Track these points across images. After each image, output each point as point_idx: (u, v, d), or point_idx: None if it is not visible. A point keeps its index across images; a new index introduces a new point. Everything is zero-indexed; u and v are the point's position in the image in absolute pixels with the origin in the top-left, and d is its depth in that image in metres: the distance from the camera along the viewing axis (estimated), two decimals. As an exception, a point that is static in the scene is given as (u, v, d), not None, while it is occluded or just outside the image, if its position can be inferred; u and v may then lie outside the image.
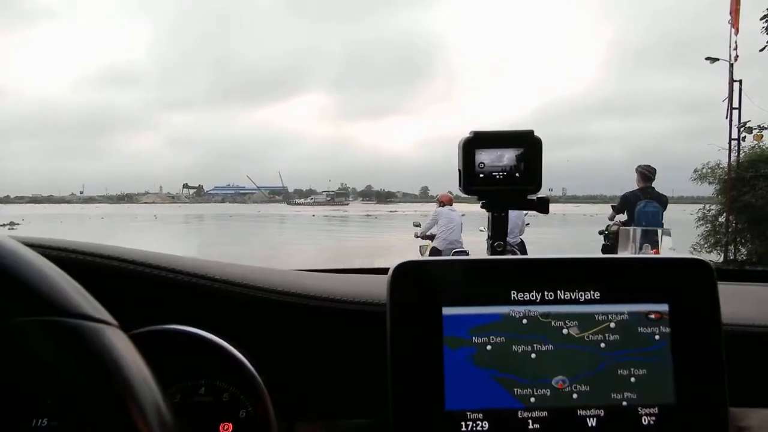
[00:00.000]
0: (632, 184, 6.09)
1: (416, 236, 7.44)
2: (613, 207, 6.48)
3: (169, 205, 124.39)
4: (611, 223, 6.53)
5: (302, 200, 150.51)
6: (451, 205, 7.27)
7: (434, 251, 6.91)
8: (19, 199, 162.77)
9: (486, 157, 0.77)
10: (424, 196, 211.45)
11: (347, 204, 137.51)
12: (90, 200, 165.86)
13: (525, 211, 7.85)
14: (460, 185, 0.79)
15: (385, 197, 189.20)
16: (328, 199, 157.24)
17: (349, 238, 25.82)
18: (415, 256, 5.38)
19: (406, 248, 7.64)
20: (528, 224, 7.85)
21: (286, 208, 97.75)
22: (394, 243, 19.61)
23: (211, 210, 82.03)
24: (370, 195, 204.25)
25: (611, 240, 6.38)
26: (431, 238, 7.22)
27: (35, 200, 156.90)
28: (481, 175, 0.77)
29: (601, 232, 6.56)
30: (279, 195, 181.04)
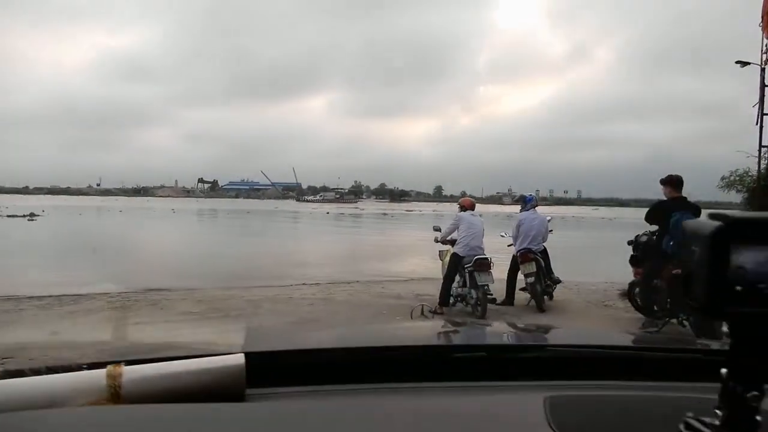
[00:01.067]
0: (647, 186, 5.88)
1: (436, 240, 7.36)
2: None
3: (184, 199, 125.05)
4: (640, 233, 6.30)
5: (312, 197, 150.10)
6: (473, 209, 7.16)
7: (455, 257, 6.82)
8: (38, 191, 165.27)
9: (751, 259, 0.46)
10: (437, 196, 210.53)
11: (356, 202, 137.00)
12: (106, 192, 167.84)
13: (549, 216, 7.68)
14: (691, 296, 0.48)
15: (398, 196, 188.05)
16: (337, 196, 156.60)
17: (376, 235, 25.75)
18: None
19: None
20: (551, 231, 7.65)
21: (296, 204, 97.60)
22: (421, 244, 19.43)
23: (226, 205, 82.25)
24: (384, 193, 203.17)
25: (640, 251, 6.16)
26: (452, 243, 7.13)
27: (53, 192, 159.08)
28: (739, 288, 0.46)
29: (630, 242, 6.34)
30: (293, 191, 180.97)
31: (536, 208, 7.65)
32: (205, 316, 6.36)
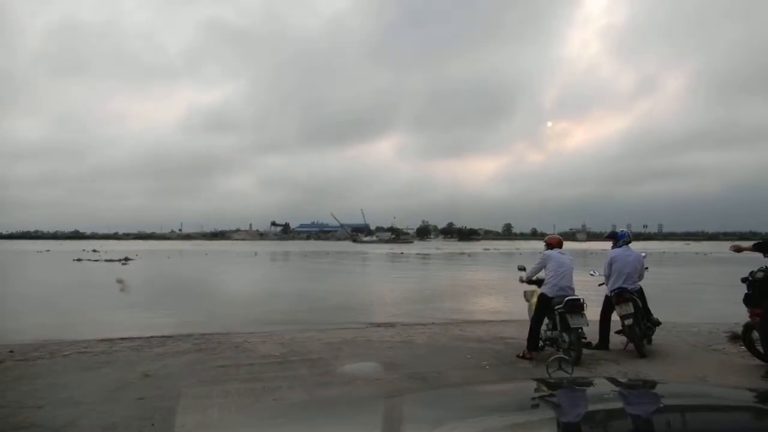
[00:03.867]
0: (733, 217, 5.22)
1: (521, 280, 6.96)
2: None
3: (258, 242, 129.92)
4: (755, 269, 5.59)
5: (367, 238, 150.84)
6: (560, 247, 6.74)
7: (542, 298, 6.40)
8: (126, 236, 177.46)
9: None
10: (507, 233, 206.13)
11: (412, 242, 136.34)
12: (187, 237, 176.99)
13: (644, 252, 7.05)
14: None
15: (467, 234, 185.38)
16: (393, 236, 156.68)
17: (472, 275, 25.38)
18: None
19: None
20: (647, 268, 7.03)
21: (356, 246, 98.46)
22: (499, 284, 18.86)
23: (299, 247, 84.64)
24: (452, 232, 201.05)
25: (757, 289, 5.45)
26: (538, 282, 6.74)
27: (140, 237, 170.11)
28: None
29: (744, 280, 5.64)
30: (362, 232, 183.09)
31: (629, 244, 7.07)
32: (287, 359, 6.23)
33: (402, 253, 57.85)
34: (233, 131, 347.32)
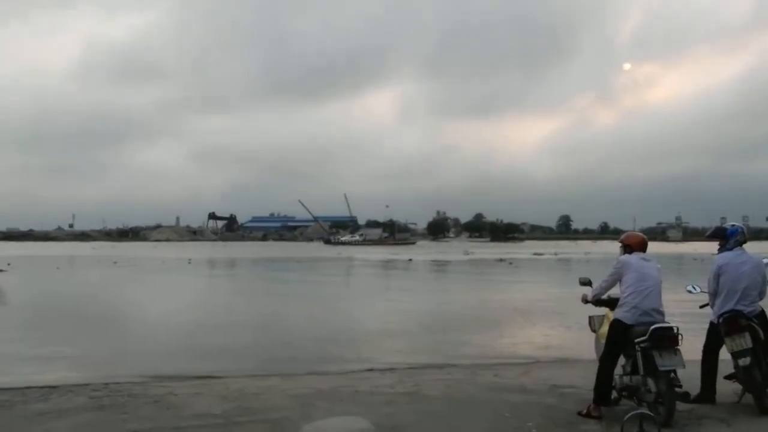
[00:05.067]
0: None
1: (585, 301, 7.00)
2: None
3: (191, 244, 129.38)
4: None
5: (348, 238, 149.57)
6: (643, 250, 6.77)
7: (618, 326, 6.40)
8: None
9: None
10: (563, 230, 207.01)
11: (413, 243, 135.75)
12: (83, 236, 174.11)
13: (766, 259, 7.04)
14: None
15: (504, 232, 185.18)
16: (387, 235, 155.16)
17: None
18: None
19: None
20: (772, 282, 7.04)
21: (338, 249, 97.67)
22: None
23: (252, 251, 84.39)
24: (480, 228, 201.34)
25: None
26: (610, 304, 6.78)
27: (9, 236, 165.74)
28: None
29: None
30: (345, 228, 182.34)
31: (744, 244, 7.06)
32: (233, 419, 6.23)
33: (410, 260, 58.00)
34: (152, 81, 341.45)
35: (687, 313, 7.11)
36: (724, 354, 6.71)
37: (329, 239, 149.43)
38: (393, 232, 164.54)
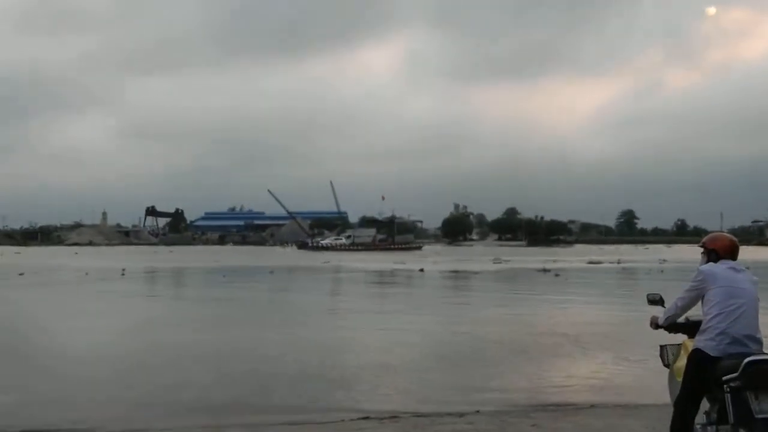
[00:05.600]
0: None
1: (656, 326, 6.79)
2: None
3: (122, 248, 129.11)
4: None
5: (330, 240, 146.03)
6: (733, 257, 6.46)
7: (698, 358, 6.12)
8: None
9: None
10: (626, 230, 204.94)
11: (418, 248, 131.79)
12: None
13: None
14: None
15: (544, 233, 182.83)
16: (382, 237, 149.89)
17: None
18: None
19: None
20: None
21: (324, 256, 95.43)
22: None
23: (205, 258, 79.00)
24: (515, 228, 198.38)
25: None
26: (689, 328, 6.58)
27: None
28: None
29: None
30: (333, 228, 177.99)
31: None
32: None
33: (422, 270, 57.19)
34: (75, 31, 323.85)
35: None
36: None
37: (305, 242, 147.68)
38: (392, 233, 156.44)
